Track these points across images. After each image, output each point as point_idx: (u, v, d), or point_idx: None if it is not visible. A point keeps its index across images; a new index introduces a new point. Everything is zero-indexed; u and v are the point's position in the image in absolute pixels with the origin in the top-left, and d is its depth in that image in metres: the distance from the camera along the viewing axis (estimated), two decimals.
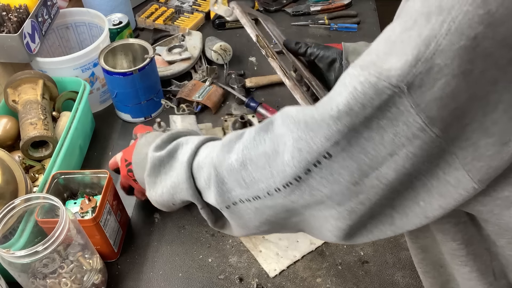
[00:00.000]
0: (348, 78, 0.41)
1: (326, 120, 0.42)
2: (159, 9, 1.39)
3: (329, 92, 0.44)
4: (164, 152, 0.64)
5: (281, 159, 0.46)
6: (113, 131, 1.08)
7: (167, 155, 0.63)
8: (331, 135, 0.42)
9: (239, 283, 0.78)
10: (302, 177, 0.45)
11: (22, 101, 0.94)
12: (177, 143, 0.64)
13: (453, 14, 0.36)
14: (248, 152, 0.50)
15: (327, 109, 0.42)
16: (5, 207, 0.66)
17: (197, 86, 1.12)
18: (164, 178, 0.64)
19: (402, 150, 0.40)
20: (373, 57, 0.41)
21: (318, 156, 0.43)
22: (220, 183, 0.54)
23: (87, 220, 0.73)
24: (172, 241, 0.85)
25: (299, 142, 0.44)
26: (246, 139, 0.52)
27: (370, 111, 0.39)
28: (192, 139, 0.63)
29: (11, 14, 0.98)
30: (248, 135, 0.52)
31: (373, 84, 0.39)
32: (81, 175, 0.81)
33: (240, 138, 0.53)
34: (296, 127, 0.45)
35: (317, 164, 0.43)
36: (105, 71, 1.00)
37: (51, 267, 0.68)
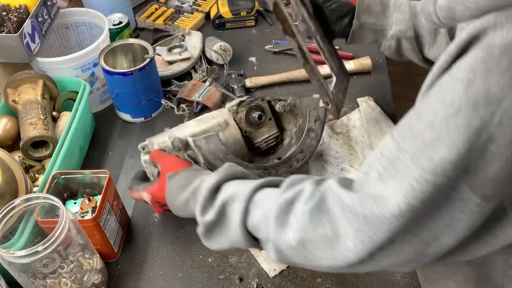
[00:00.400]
0: (400, 165, 0.44)
1: (387, 217, 0.44)
2: (159, 9, 1.39)
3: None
4: (213, 215, 0.61)
5: (343, 243, 0.48)
6: (113, 131, 1.08)
7: (218, 218, 0.61)
8: (394, 229, 0.44)
9: (239, 283, 0.78)
10: (366, 259, 0.47)
11: (22, 101, 0.95)
12: (223, 202, 0.61)
13: (504, 106, 0.38)
14: (306, 233, 0.51)
15: (388, 207, 0.44)
16: (5, 207, 0.66)
17: (197, 86, 1.12)
18: (220, 237, 0.63)
19: (460, 222, 0.43)
20: (420, 143, 0.43)
21: (381, 244, 0.45)
22: (278, 252, 0.55)
23: (87, 220, 0.73)
24: (172, 241, 0.85)
25: (360, 233, 0.46)
26: (300, 217, 0.52)
27: (431, 202, 0.42)
28: (237, 195, 0.60)
29: (11, 14, 0.98)
30: (301, 212, 0.52)
31: (431, 183, 0.41)
32: (81, 175, 0.81)
33: (292, 210, 0.53)
34: (355, 219, 0.46)
35: (381, 249, 0.46)
36: (105, 71, 1.00)
37: (51, 267, 0.68)
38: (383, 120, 1.01)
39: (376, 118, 1.02)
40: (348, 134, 1.00)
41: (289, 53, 1.24)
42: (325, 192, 0.51)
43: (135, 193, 0.78)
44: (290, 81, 1.16)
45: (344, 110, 1.06)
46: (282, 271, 0.79)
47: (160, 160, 0.74)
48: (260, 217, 0.57)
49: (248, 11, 1.33)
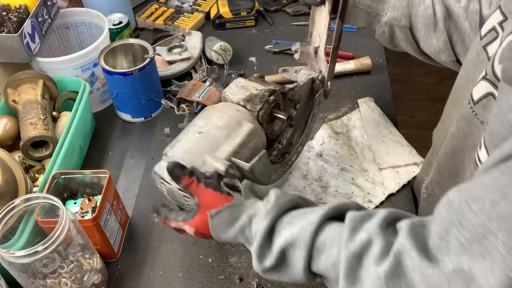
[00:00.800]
0: (490, 247, 0.41)
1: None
2: (159, 9, 1.39)
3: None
4: (273, 261, 0.57)
5: None
6: (113, 131, 1.08)
7: (277, 263, 0.57)
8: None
9: (239, 283, 0.78)
10: None
11: (22, 101, 0.95)
12: (282, 248, 0.56)
13: None
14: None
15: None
16: (5, 207, 0.66)
17: (197, 86, 1.11)
18: (280, 276, 0.59)
19: None
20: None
21: None
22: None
23: (87, 220, 0.73)
24: (172, 241, 0.85)
25: None
26: (376, 281, 0.48)
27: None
28: (296, 240, 0.55)
29: (11, 14, 0.98)
30: (377, 276, 0.48)
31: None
32: (81, 175, 0.81)
33: (362, 267, 0.50)
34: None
35: None
36: (105, 71, 1.00)
37: (51, 267, 0.68)
38: (382, 122, 1.01)
39: (376, 120, 1.02)
40: (349, 135, 1.00)
41: (289, 53, 1.24)
42: (399, 255, 0.47)
43: (173, 223, 0.68)
44: (290, 81, 1.15)
45: (345, 110, 1.06)
46: None
47: (197, 194, 0.63)
48: (327, 265, 0.54)
49: (248, 11, 1.33)
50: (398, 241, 0.48)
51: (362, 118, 1.02)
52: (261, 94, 0.76)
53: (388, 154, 0.95)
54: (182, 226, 0.66)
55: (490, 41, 0.64)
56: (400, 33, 0.84)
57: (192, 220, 0.64)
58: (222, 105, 0.76)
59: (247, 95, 0.76)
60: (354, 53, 1.20)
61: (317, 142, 0.98)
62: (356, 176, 0.92)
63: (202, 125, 0.71)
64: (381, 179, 0.91)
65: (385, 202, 0.88)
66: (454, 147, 0.70)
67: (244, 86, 0.78)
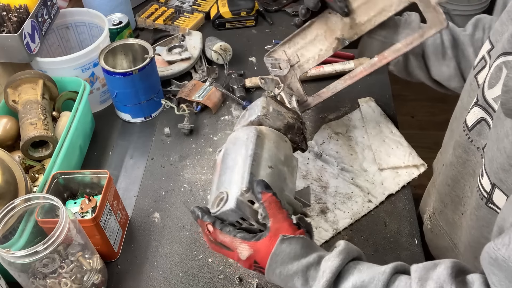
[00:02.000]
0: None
1: None
2: (159, 9, 1.39)
3: None
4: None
5: None
6: (113, 131, 1.08)
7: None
8: None
9: (239, 283, 0.78)
10: None
11: (22, 101, 0.95)
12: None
13: None
14: None
15: None
16: (5, 207, 0.66)
17: (197, 86, 1.12)
18: None
19: None
20: None
21: None
22: None
23: (87, 220, 0.73)
24: (172, 241, 0.85)
25: None
26: None
27: None
28: (367, 287, 0.55)
29: (11, 14, 0.98)
30: None
31: None
32: (81, 175, 0.81)
33: None
34: None
35: None
36: (105, 71, 1.00)
37: (51, 267, 0.68)
38: (383, 121, 1.01)
39: (376, 120, 1.02)
40: (349, 135, 1.00)
41: None
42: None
43: (226, 237, 0.61)
44: None
45: (345, 110, 1.06)
46: None
47: (275, 215, 0.59)
48: None
49: (248, 11, 1.33)
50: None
51: (362, 118, 1.02)
52: (297, 126, 0.75)
53: (388, 154, 0.95)
54: (237, 244, 0.60)
55: (480, 70, 0.67)
56: (415, 61, 0.86)
57: (255, 242, 0.59)
58: (272, 132, 0.72)
59: (285, 123, 0.74)
60: (353, 53, 1.20)
61: (317, 142, 0.98)
62: (356, 176, 0.92)
63: (267, 158, 0.66)
64: (381, 179, 0.91)
65: (385, 202, 0.88)
66: (454, 175, 0.72)
67: (276, 110, 0.75)
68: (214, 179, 0.68)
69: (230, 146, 0.69)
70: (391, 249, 0.81)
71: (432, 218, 0.82)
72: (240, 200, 0.60)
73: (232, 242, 0.60)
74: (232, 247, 0.60)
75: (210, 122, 1.07)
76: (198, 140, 1.03)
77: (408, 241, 0.82)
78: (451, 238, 0.78)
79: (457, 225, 0.75)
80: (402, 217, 0.86)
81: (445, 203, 0.77)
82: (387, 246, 0.82)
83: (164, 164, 0.98)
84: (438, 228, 0.81)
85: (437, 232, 0.82)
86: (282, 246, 0.57)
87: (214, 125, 1.06)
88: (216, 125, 1.06)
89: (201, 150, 1.01)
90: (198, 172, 0.96)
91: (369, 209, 0.87)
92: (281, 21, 1.37)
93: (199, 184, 0.94)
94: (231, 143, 0.69)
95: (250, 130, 0.68)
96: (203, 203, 0.90)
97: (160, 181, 0.95)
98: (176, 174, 0.96)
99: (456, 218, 0.75)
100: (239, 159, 0.65)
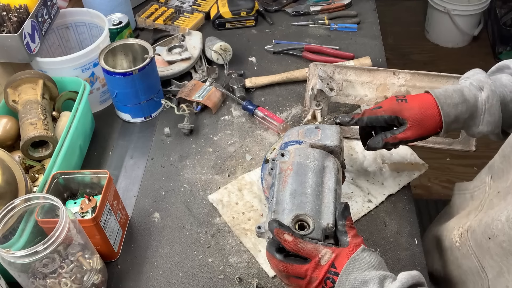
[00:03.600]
0: None
1: None
2: (159, 9, 1.39)
3: None
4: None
5: None
6: (113, 131, 1.08)
7: None
8: None
9: (239, 283, 0.78)
10: None
11: (22, 101, 0.95)
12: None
13: None
14: None
15: None
16: (5, 207, 0.66)
17: (197, 86, 1.12)
18: None
19: None
20: None
21: None
22: None
23: (87, 220, 0.73)
24: (172, 241, 0.85)
25: None
26: None
27: None
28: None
29: (11, 14, 0.98)
30: None
31: None
32: (81, 175, 0.81)
33: None
34: None
35: None
36: (105, 71, 1.00)
37: (51, 267, 0.68)
38: None
39: None
40: (349, 135, 1.00)
41: (289, 53, 1.24)
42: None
43: (309, 245, 0.61)
44: (290, 81, 1.16)
45: (344, 110, 1.06)
46: None
47: (355, 234, 0.63)
48: None
49: (248, 11, 1.33)
50: None
51: None
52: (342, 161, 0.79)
53: (390, 153, 0.95)
54: (320, 249, 0.60)
55: None
56: (493, 137, 0.81)
57: (337, 247, 0.61)
58: (339, 167, 0.75)
59: (342, 159, 0.79)
60: (354, 53, 1.20)
61: None
62: (356, 176, 0.92)
63: (339, 194, 0.71)
64: (381, 179, 0.91)
65: (385, 202, 0.88)
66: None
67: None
68: (281, 188, 0.69)
69: (306, 162, 0.70)
70: (391, 249, 0.81)
71: (463, 236, 0.75)
72: (324, 231, 0.63)
73: (315, 248, 0.61)
74: (314, 253, 0.60)
75: (210, 122, 1.07)
76: (198, 140, 1.03)
77: (408, 241, 0.82)
78: (479, 261, 0.71)
79: (485, 248, 0.69)
80: (402, 217, 0.86)
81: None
82: (387, 246, 0.82)
83: (164, 164, 0.98)
84: (466, 248, 0.74)
85: (464, 252, 0.75)
86: (363, 254, 0.59)
87: (214, 125, 1.06)
88: (216, 125, 1.06)
89: (201, 150, 1.01)
90: (198, 172, 0.96)
91: (369, 209, 0.87)
92: (281, 21, 1.37)
93: (199, 184, 0.94)
94: (305, 158, 0.71)
95: (330, 160, 0.71)
96: (203, 203, 0.90)
97: (160, 181, 0.95)
98: (176, 174, 0.96)
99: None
100: (318, 187, 0.68)
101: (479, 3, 2.55)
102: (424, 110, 0.76)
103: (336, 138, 0.74)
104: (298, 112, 1.08)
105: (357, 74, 0.97)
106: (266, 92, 1.14)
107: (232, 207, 0.88)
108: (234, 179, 0.94)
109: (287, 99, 1.12)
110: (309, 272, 0.60)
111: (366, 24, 1.34)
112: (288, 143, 0.76)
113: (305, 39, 1.29)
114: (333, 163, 0.71)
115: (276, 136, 1.02)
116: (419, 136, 0.78)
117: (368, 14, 1.38)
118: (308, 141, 0.74)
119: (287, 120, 1.06)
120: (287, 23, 1.36)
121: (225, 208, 0.88)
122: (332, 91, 0.94)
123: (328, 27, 1.33)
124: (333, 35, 1.31)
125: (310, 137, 0.75)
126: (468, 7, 2.55)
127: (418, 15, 2.94)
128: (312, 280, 0.60)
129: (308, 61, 1.19)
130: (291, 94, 1.13)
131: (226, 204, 0.88)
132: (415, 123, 0.76)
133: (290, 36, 1.31)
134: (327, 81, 0.95)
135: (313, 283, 0.60)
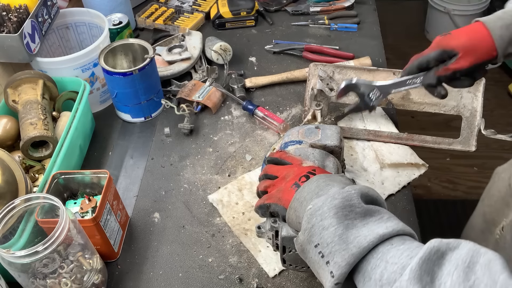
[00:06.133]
0: None
1: None
2: (159, 9, 1.39)
3: None
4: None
5: None
6: (113, 131, 1.08)
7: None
8: None
9: (239, 283, 0.78)
10: None
11: (22, 101, 0.95)
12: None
13: None
14: None
15: None
16: (5, 207, 0.66)
17: (197, 86, 1.12)
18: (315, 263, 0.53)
19: None
20: None
21: None
22: None
23: (87, 220, 0.73)
24: (172, 241, 0.85)
25: None
26: None
27: None
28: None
29: (11, 14, 0.98)
30: None
31: None
32: (81, 175, 0.81)
33: None
34: None
35: None
36: (105, 71, 1.00)
37: (51, 267, 0.68)
38: (384, 122, 1.01)
39: (377, 120, 1.02)
40: (349, 134, 1.00)
41: (289, 53, 1.24)
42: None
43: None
44: (290, 81, 1.16)
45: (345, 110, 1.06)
46: (282, 271, 0.79)
47: None
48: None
49: (248, 11, 1.33)
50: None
51: (363, 118, 1.02)
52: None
53: (390, 153, 0.95)
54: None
55: None
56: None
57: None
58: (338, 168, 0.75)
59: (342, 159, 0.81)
60: (354, 53, 1.20)
61: None
62: (356, 176, 0.92)
63: None
64: (381, 179, 0.91)
65: None
66: None
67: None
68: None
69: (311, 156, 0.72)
70: None
71: (505, 229, 0.72)
72: None
73: (300, 158, 0.67)
74: (298, 160, 0.66)
75: (210, 122, 1.07)
76: (198, 140, 1.03)
77: None
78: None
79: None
80: (402, 217, 0.85)
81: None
82: None
83: (164, 164, 0.98)
84: (504, 240, 0.73)
85: (502, 244, 0.73)
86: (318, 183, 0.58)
87: (214, 125, 1.06)
88: (216, 125, 1.06)
89: (201, 150, 1.01)
90: (198, 172, 0.96)
91: None
92: (281, 21, 1.37)
93: (199, 184, 0.94)
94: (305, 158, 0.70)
95: (330, 160, 0.72)
96: (203, 203, 0.90)
97: (160, 181, 0.95)
98: (176, 174, 0.96)
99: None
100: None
101: (479, 3, 2.55)
102: (473, 35, 0.71)
103: (336, 138, 0.74)
104: (298, 112, 1.08)
105: (357, 74, 0.97)
106: (266, 92, 1.14)
107: (232, 207, 0.88)
108: (234, 179, 0.94)
109: (287, 99, 1.12)
110: (289, 169, 0.63)
111: (366, 24, 1.34)
112: (288, 143, 0.76)
113: (305, 39, 1.29)
114: (333, 163, 0.71)
115: (276, 136, 1.02)
116: (472, 64, 0.71)
117: (368, 14, 1.38)
118: (308, 141, 0.74)
119: (287, 120, 1.06)
120: (287, 23, 1.36)
121: (225, 208, 0.88)
122: (332, 91, 0.94)
123: (328, 27, 1.33)
124: (333, 35, 1.31)
125: (310, 137, 0.75)
126: (468, 7, 2.55)
127: (418, 15, 2.94)
128: (288, 175, 0.62)
129: (308, 61, 1.19)
130: (291, 94, 1.13)
131: (226, 204, 0.89)
132: (465, 51, 0.71)
133: (290, 36, 1.31)
134: (327, 81, 0.95)
135: (287, 178, 0.61)
